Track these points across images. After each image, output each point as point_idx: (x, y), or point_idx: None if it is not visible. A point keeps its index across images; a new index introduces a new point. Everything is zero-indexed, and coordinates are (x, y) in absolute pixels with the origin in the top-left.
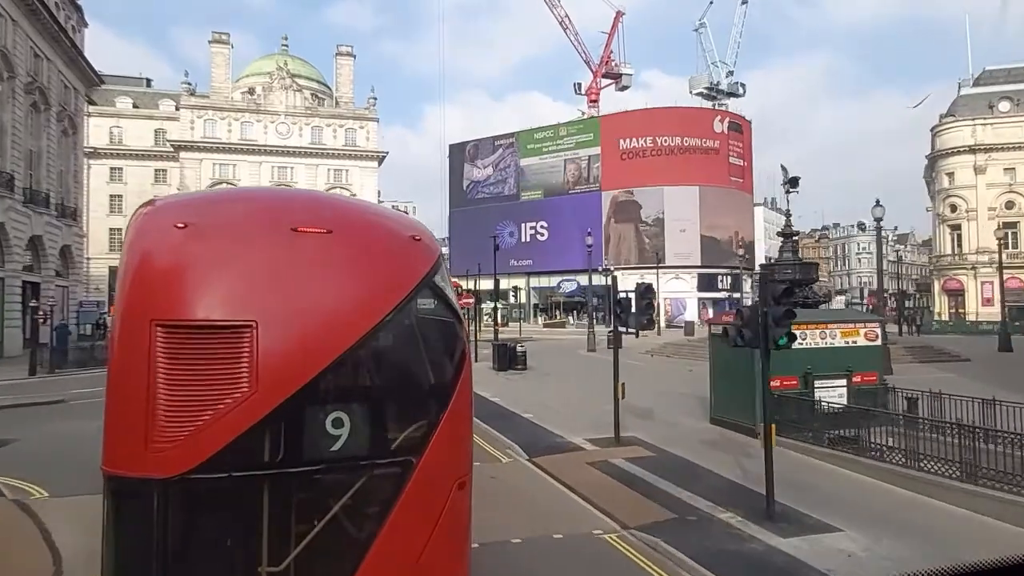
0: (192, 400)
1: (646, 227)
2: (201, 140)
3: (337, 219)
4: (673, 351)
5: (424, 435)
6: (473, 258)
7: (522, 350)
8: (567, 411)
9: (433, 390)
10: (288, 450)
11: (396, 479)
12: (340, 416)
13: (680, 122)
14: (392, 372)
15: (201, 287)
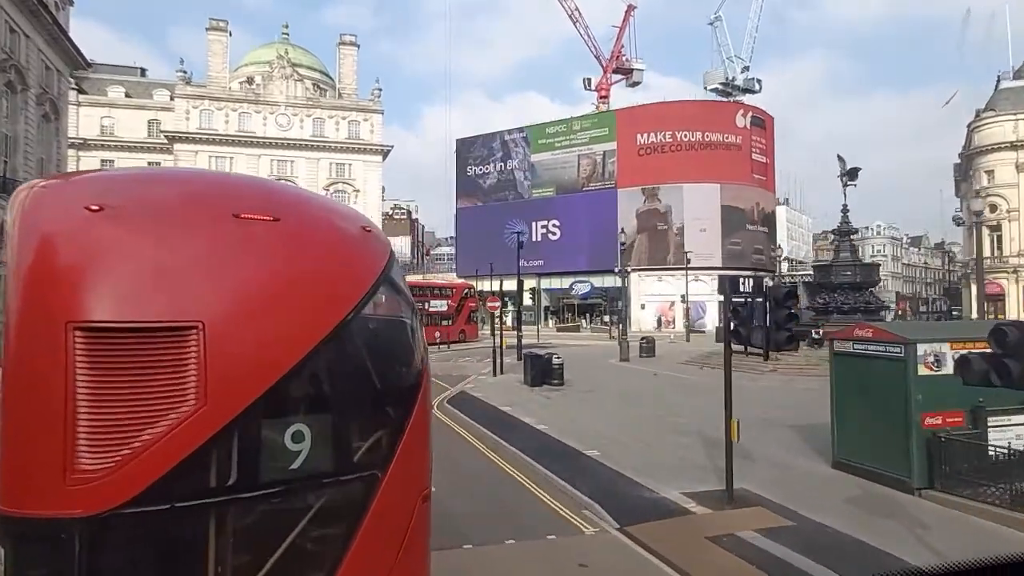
0: (125, 418)
1: (664, 226)
2: (197, 131)
3: (284, 206)
4: (717, 362)
5: (390, 446)
6: (480, 258)
7: (559, 362)
8: (637, 446)
9: (398, 396)
10: (242, 471)
11: (361, 495)
12: (301, 429)
13: (701, 116)
14: (356, 377)
15: (133, 282)
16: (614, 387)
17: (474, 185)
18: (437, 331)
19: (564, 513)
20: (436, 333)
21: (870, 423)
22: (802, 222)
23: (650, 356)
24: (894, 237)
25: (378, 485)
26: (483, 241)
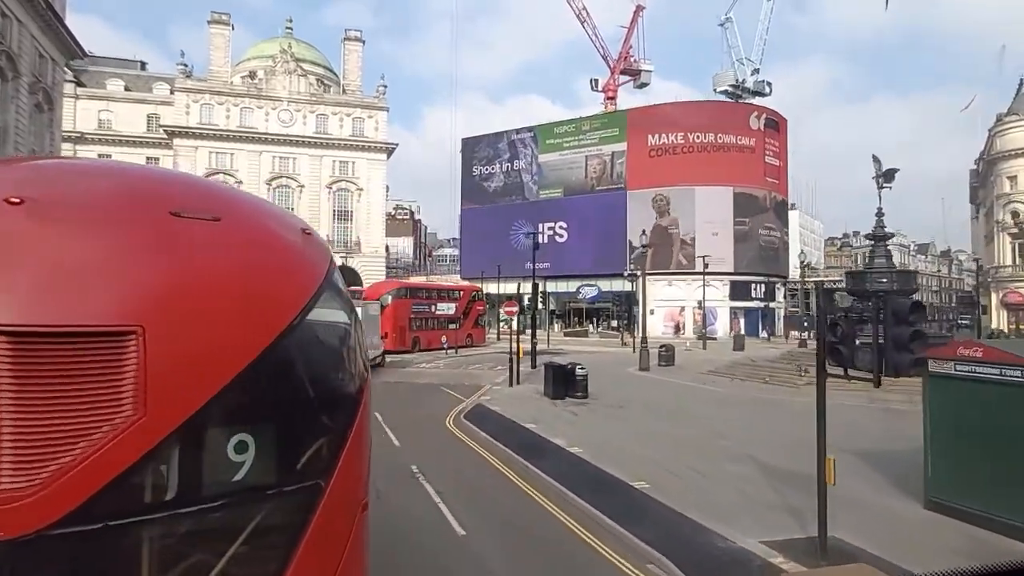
0: (53, 431)
1: (675, 229)
2: (197, 126)
3: (223, 205)
4: (746, 372)
5: (333, 454)
6: (485, 260)
7: (583, 373)
8: (690, 476)
9: (342, 402)
10: (183, 485)
11: (305, 506)
12: (244, 439)
13: (714, 118)
14: (300, 384)
15: (63, 282)
16: (643, 401)
17: (479, 186)
18: (444, 335)
19: (625, 568)
20: (443, 337)
21: (978, 459)
22: (814, 227)
23: (669, 365)
24: (901, 244)
25: (321, 495)
26: (488, 243)
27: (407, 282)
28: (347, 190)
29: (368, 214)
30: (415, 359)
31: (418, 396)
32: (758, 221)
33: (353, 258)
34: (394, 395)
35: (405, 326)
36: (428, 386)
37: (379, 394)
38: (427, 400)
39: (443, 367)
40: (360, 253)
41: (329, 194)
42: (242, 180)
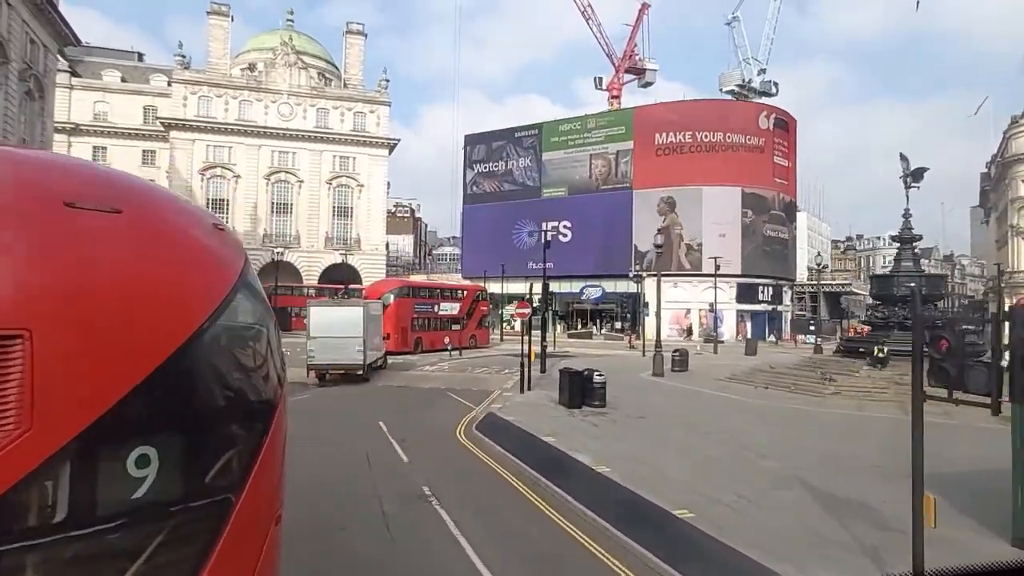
0: None
1: (679, 230)
2: (194, 119)
3: (125, 195)
4: (766, 380)
5: (245, 465)
6: (488, 258)
7: (600, 380)
8: (738, 505)
9: (255, 411)
10: (75, 505)
11: (214, 521)
12: (146, 452)
13: (722, 116)
14: (210, 392)
15: None
16: (666, 412)
17: (482, 183)
18: (447, 336)
19: None
20: (446, 338)
21: None
22: (821, 229)
23: (683, 370)
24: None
25: (231, 509)
26: (490, 242)
27: (409, 281)
28: (347, 186)
29: (368, 211)
30: (418, 361)
31: (424, 403)
32: (766, 223)
33: (353, 256)
34: (398, 401)
35: (407, 326)
36: (434, 391)
37: (382, 401)
38: (434, 407)
39: (448, 370)
40: (360, 251)
41: (329, 190)
42: (240, 174)
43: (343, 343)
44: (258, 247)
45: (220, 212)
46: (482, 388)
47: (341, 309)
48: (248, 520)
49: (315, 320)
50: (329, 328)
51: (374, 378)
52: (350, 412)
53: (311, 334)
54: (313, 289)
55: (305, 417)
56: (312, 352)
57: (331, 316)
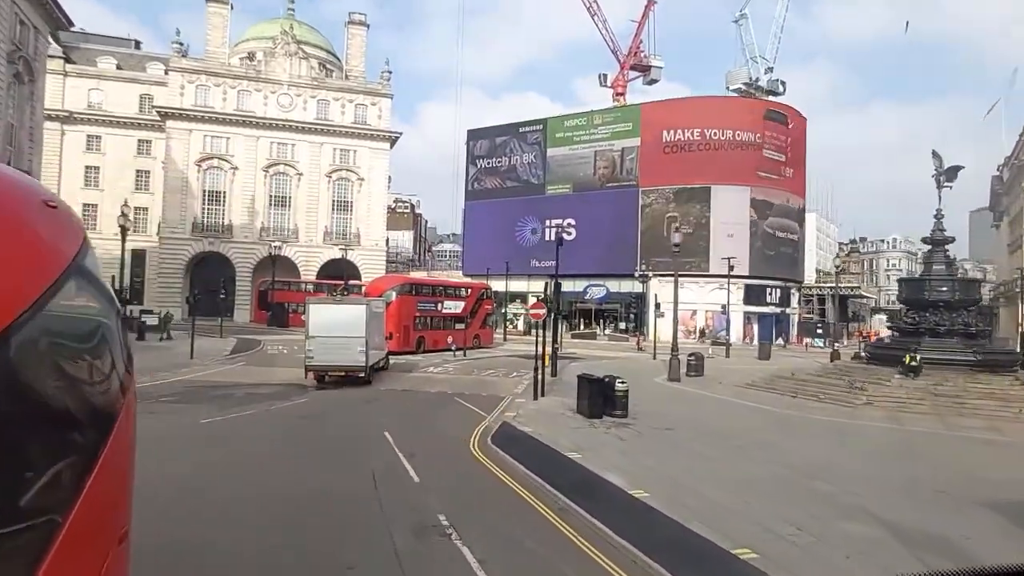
0: None
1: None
2: (191, 108)
3: None
4: (789, 387)
5: (75, 482)
6: (490, 256)
7: (623, 389)
8: (802, 539)
9: (90, 418)
10: None
11: (32, 548)
12: None
13: (732, 114)
14: (31, 395)
15: None
16: (693, 422)
17: (484, 179)
18: (450, 335)
19: None
20: (449, 338)
21: None
22: (829, 231)
23: (698, 375)
24: (909, 252)
25: (57, 532)
26: (493, 239)
27: (412, 278)
28: (347, 179)
29: (369, 205)
30: (421, 362)
31: (432, 410)
32: (775, 223)
33: (352, 251)
34: (404, 408)
35: (410, 325)
36: (441, 396)
37: (387, 406)
38: (443, 415)
39: (454, 372)
40: (359, 246)
41: (329, 183)
42: (238, 166)
43: (344, 343)
44: (255, 241)
45: (217, 204)
46: (492, 393)
47: (342, 307)
48: (80, 543)
49: (315, 319)
50: (329, 327)
51: (376, 380)
52: (352, 419)
53: (310, 333)
54: (311, 285)
55: (303, 424)
56: (311, 352)
57: (332, 315)
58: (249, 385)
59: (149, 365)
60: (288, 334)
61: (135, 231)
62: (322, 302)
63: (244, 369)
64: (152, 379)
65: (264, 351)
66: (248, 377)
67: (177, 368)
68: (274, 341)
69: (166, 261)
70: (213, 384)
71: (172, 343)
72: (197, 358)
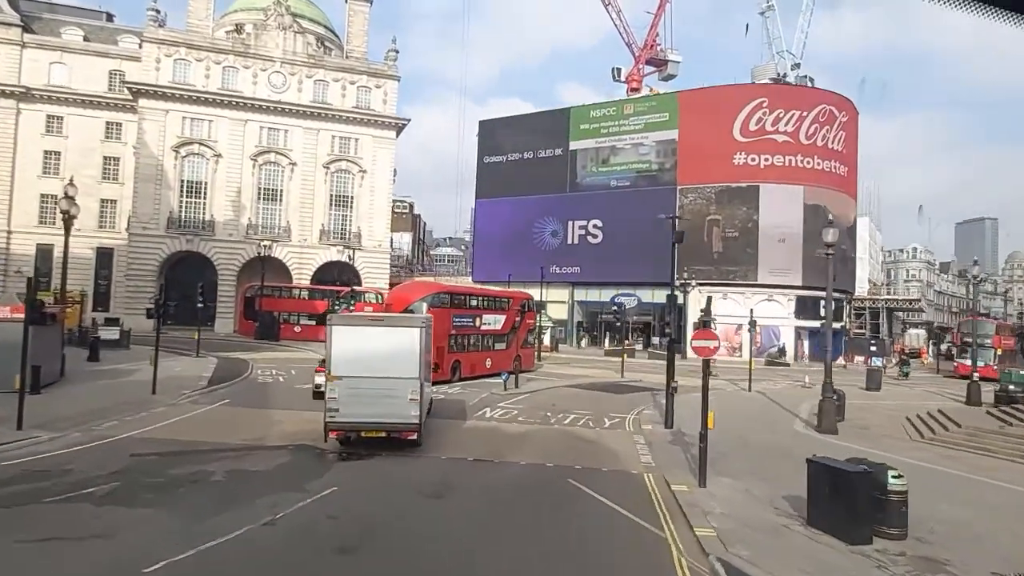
0: None
1: (732, 232)
2: (168, 86)
3: None
4: (965, 439)
5: None
6: (504, 260)
7: (900, 485)
8: None
9: None
10: None
11: None
12: None
13: (783, 103)
14: None
15: None
16: (1004, 547)
17: (497, 176)
18: (489, 358)
19: None
20: (487, 361)
21: None
22: (876, 237)
23: (840, 420)
24: (929, 263)
25: None
26: (507, 241)
27: (446, 285)
28: (348, 171)
29: (372, 201)
30: (464, 397)
31: (548, 511)
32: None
33: (352, 252)
34: (502, 513)
35: (444, 346)
36: (541, 476)
37: (469, 507)
38: (576, 528)
39: (523, 418)
40: (360, 247)
41: (326, 175)
42: (221, 153)
43: (388, 388)
44: (241, 240)
45: (197, 197)
46: (614, 466)
47: (385, 330)
48: None
49: (342, 348)
50: (365, 362)
51: (425, 437)
52: (425, 550)
53: (334, 370)
54: (306, 291)
55: (340, 568)
56: (336, 402)
57: (369, 342)
58: (233, 450)
59: (85, 406)
60: (281, 349)
61: (101, 226)
62: (352, 321)
63: (226, 413)
64: (79, 434)
65: (254, 379)
66: (232, 431)
67: (127, 411)
68: (265, 362)
69: (136, 261)
70: (176, 450)
71: (132, 365)
72: (161, 393)
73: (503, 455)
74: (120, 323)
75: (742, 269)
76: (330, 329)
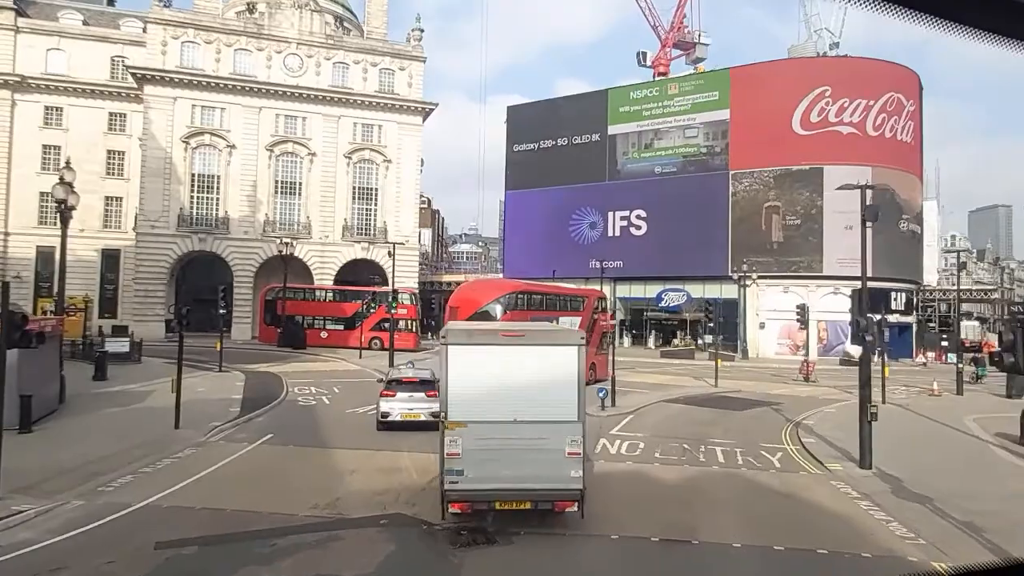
0: None
1: (793, 220)
2: (176, 71)
3: None
4: None
5: None
6: (537, 254)
7: None
8: None
9: None
10: None
11: None
12: None
13: (848, 91)
14: None
15: None
16: None
17: (528, 166)
18: None
19: None
20: None
21: None
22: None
23: None
24: (967, 250)
25: None
26: (541, 234)
27: (521, 283)
28: (372, 161)
29: (398, 193)
30: None
31: None
32: (897, 211)
33: (378, 249)
34: None
35: None
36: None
37: None
38: None
39: (661, 453)
40: (387, 243)
41: (348, 166)
42: (235, 144)
43: (537, 438)
44: (257, 238)
45: (209, 192)
46: (866, 547)
47: (528, 350)
48: None
49: (465, 379)
50: (500, 399)
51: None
52: None
53: (454, 412)
54: (334, 292)
55: None
56: (459, 461)
57: (504, 368)
58: (303, 529)
59: (90, 449)
60: (309, 359)
61: (106, 226)
62: (478, 338)
63: (275, 457)
64: (80, 503)
65: (292, 401)
66: (291, 489)
67: (145, 457)
68: (298, 376)
69: (145, 263)
70: (221, 531)
71: (145, 385)
72: (186, 425)
73: (694, 529)
74: (129, 332)
75: (805, 259)
76: (445, 351)
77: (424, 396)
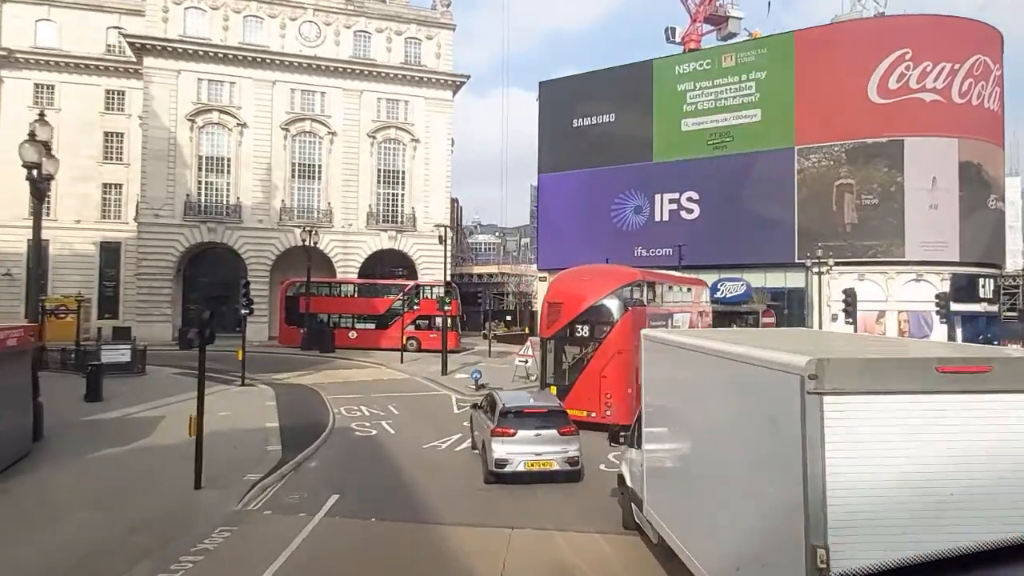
0: None
1: (871, 199)
2: (179, 40)
3: None
4: None
5: None
6: (574, 242)
7: None
8: None
9: None
10: None
11: None
12: None
13: (927, 38)
14: None
15: None
16: None
17: (563, 146)
18: None
19: None
20: None
21: None
22: None
23: None
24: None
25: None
26: (578, 220)
27: (642, 272)
28: (398, 140)
29: (427, 176)
30: None
31: None
32: (986, 189)
33: (405, 237)
34: None
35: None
36: None
37: None
38: None
39: None
40: (415, 231)
41: (372, 146)
42: (246, 122)
43: None
44: (273, 227)
45: (219, 176)
46: None
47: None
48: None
49: (863, 473)
50: (957, 514)
51: None
52: None
53: (842, 546)
54: (365, 287)
55: None
56: None
57: (964, 451)
58: None
59: (68, 540)
60: (342, 364)
61: (105, 216)
62: (893, 375)
63: (356, 550)
64: None
65: (345, 429)
66: None
67: (146, 556)
68: (337, 389)
69: (149, 257)
70: None
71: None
72: (210, 481)
73: None
74: (131, 336)
75: (883, 243)
76: (802, 405)
77: (556, 435)
